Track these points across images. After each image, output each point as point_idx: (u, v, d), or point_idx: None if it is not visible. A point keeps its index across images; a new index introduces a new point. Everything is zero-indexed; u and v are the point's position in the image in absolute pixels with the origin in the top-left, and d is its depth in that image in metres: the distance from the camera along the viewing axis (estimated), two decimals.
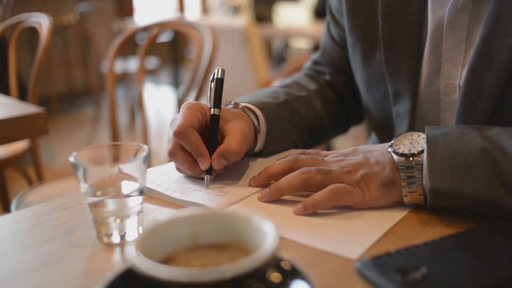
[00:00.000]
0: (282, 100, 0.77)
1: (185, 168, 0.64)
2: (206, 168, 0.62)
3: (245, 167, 0.70)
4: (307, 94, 0.82)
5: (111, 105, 1.47)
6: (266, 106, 0.74)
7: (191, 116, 0.63)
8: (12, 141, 1.11)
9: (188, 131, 0.61)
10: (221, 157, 0.62)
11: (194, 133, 0.62)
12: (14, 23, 1.80)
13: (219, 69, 0.69)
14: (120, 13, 5.06)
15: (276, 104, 0.76)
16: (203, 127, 0.65)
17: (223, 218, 0.40)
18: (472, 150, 0.53)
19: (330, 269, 0.45)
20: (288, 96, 0.79)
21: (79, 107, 4.59)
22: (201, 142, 0.62)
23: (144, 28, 1.53)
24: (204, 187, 0.63)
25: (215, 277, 0.32)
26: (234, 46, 2.48)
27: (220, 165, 0.63)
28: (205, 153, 0.62)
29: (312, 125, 0.81)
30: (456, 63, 0.67)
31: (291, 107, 0.78)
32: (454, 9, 0.65)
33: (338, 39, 0.88)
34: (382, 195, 0.56)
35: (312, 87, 0.85)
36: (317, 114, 0.82)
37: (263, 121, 0.72)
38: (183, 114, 0.63)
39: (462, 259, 0.45)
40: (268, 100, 0.76)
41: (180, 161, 0.63)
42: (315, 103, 0.83)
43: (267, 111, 0.73)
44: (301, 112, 0.79)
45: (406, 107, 0.72)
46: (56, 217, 0.57)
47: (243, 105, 0.72)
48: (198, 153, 0.62)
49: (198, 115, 0.64)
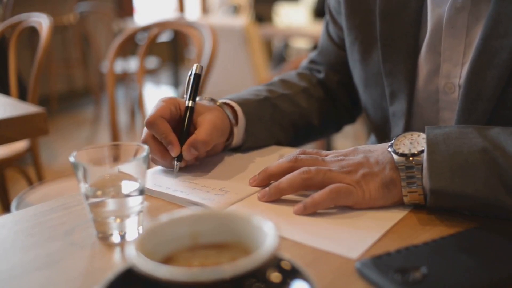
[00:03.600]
0: (263, 97, 0.79)
1: (156, 156, 0.67)
2: (176, 155, 0.65)
3: (245, 166, 0.70)
4: (291, 92, 0.83)
5: (111, 105, 1.47)
6: (246, 103, 0.76)
7: (163, 108, 0.66)
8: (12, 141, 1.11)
9: (158, 120, 0.64)
10: (191, 146, 0.65)
11: (164, 122, 0.65)
12: (14, 23, 1.80)
13: (198, 65, 0.72)
14: (120, 13, 5.05)
15: (257, 101, 0.77)
16: (175, 119, 0.68)
17: (223, 218, 0.40)
18: (472, 150, 0.53)
19: (330, 269, 0.45)
20: (270, 93, 0.81)
21: (79, 107, 4.59)
22: (170, 131, 0.65)
23: (144, 28, 1.53)
24: (204, 187, 0.63)
25: (215, 277, 0.32)
26: (234, 46, 2.48)
27: (190, 155, 0.65)
28: (174, 141, 0.65)
29: (297, 122, 0.83)
30: (455, 62, 0.67)
31: (272, 104, 0.79)
32: (454, 8, 0.65)
33: (336, 38, 0.88)
34: (382, 195, 0.56)
35: (300, 84, 0.86)
36: (302, 112, 0.83)
37: (242, 116, 0.74)
38: (156, 106, 0.66)
39: (462, 259, 0.45)
40: (248, 97, 0.78)
41: (152, 150, 0.66)
42: (300, 101, 0.84)
43: (246, 107, 0.75)
44: (283, 110, 0.80)
45: (403, 106, 0.72)
46: (56, 217, 0.57)
47: (220, 101, 0.74)
48: (167, 141, 0.64)
49: (171, 107, 0.67)
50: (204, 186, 0.64)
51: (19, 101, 1.22)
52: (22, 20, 1.76)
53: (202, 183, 0.64)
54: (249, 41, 2.44)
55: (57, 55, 4.41)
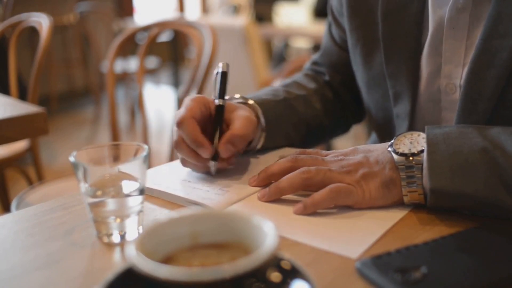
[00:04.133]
0: (282, 98, 0.78)
1: (190, 158, 0.64)
2: (208, 156, 0.62)
3: (245, 166, 0.70)
4: (306, 93, 0.83)
5: (111, 105, 1.47)
6: (265, 103, 0.75)
7: (193, 108, 0.63)
8: (12, 141, 1.11)
9: (186, 121, 0.61)
10: (228, 143, 0.62)
11: (193, 123, 0.62)
12: (14, 23, 1.80)
13: (224, 63, 0.70)
14: (120, 13, 5.05)
15: (275, 102, 0.76)
16: (206, 119, 0.66)
17: (223, 217, 0.40)
18: (472, 149, 0.53)
19: (330, 268, 0.45)
20: (288, 94, 0.80)
21: (79, 107, 4.59)
22: (199, 132, 0.62)
23: (144, 28, 1.53)
24: (204, 187, 0.63)
25: (215, 277, 0.32)
26: (234, 46, 2.48)
27: (227, 151, 0.63)
28: (203, 142, 0.61)
29: (311, 124, 0.82)
30: (457, 63, 0.67)
31: (289, 105, 0.78)
32: (455, 9, 0.65)
33: (338, 40, 0.88)
34: (382, 194, 0.56)
35: (312, 86, 0.85)
36: (316, 114, 0.83)
37: (262, 117, 0.73)
38: (186, 105, 0.64)
39: (462, 259, 0.45)
40: (267, 97, 0.76)
41: (185, 152, 0.63)
42: (314, 103, 0.83)
43: (265, 107, 0.74)
44: (299, 111, 0.80)
45: (406, 107, 0.72)
46: (56, 217, 0.57)
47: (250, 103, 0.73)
48: (196, 143, 0.61)
49: (201, 106, 0.65)
50: (204, 185, 0.63)
51: (19, 101, 1.22)
52: (22, 20, 1.76)
53: (202, 183, 0.64)
54: (249, 41, 2.44)
55: (57, 55, 4.41)
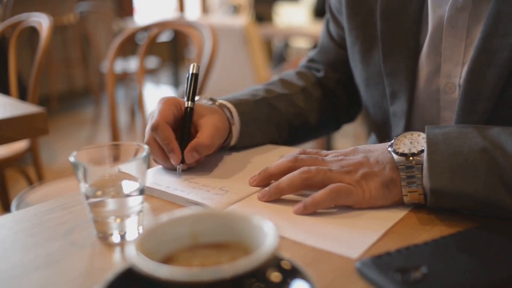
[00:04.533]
0: (260, 97, 0.79)
1: (159, 159, 0.68)
2: (177, 163, 0.66)
3: (245, 166, 0.70)
4: (289, 92, 0.84)
5: (111, 105, 1.47)
6: (242, 103, 0.76)
7: (167, 111, 0.66)
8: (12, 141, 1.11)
9: (161, 126, 0.64)
10: (193, 151, 0.65)
11: (168, 128, 0.65)
12: (14, 23, 1.80)
13: (195, 65, 0.72)
14: (120, 13, 5.05)
15: (254, 101, 0.78)
16: (178, 121, 0.68)
17: (223, 217, 0.40)
18: (472, 149, 0.53)
19: (330, 268, 0.45)
20: (268, 93, 0.81)
21: (79, 107, 4.59)
22: (173, 138, 0.65)
23: (144, 28, 1.53)
24: (204, 187, 0.63)
25: (215, 277, 0.32)
26: (234, 46, 2.47)
27: (192, 158, 0.66)
28: (176, 149, 0.65)
29: (293, 122, 0.83)
30: (456, 62, 0.67)
31: (269, 104, 0.80)
32: (454, 8, 0.65)
33: (336, 37, 0.88)
34: (382, 194, 0.56)
35: (298, 84, 0.86)
36: (299, 112, 0.84)
37: (237, 117, 0.74)
38: (159, 109, 0.66)
39: (462, 259, 0.45)
40: (245, 97, 0.78)
41: (154, 153, 0.67)
42: (298, 101, 0.84)
43: (242, 108, 0.76)
44: (280, 109, 0.81)
45: (403, 106, 0.72)
46: (56, 217, 0.57)
47: (219, 102, 0.74)
48: (169, 148, 0.65)
49: (173, 109, 0.67)
50: (204, 185, 0.64)
51: (19, 101, 1.22)
52: (22, 20, 1.76)
53: (202, 182, 0.64)
54: (249, 41, 2.44)
55: (57, 55, 4.41)
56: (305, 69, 0.93)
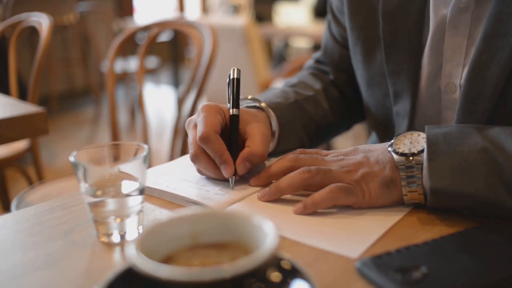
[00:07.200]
0: (293, 100, 0.77)
1: (208, 172, 0.64)
2: (229, 176, 0.62)
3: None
4: (314, 94, 0.82)
5: (111, 105, 1.47)
6: (278, 107, 0.73)
7: (213, 120, 0.62)
8: (12, 141, 1.11)
9: (212, 136, 0.61)
10: (246, 161, 0.62)
11: (218, 139, 0.61)
12: (14, 23, 1.80)
13: (235, 69, 0.68)
14: (120, 12, 5.05)
15: (287, 105, 0.75)
16: (224, 129, 0.65)
17: (223, 217, 0.40)
18: (472, 149, 0.53)
19: (330, 268, 0.45)
20: (298, 95, 0.79)
21: (79, 107, 4.59)
22: (225, 149, 0.61)
23: (144, 27, 1.53)
24: (204, 187, 0.63)
25: (215, 277, 0.32)
26: (234, 45, 2.47)
27: (244, 169, 0.62)
28: (229, 160, 0.61)
29: (320, 124, 0.81)
30: (457, 62, 0.67)
31: (300, 107, 0.78)
32: (457, 8, 0.65)
33: (339, 38, 0.88)
34: (382, 194, 0.56)
35: (318, 86, 0.85)
36: (324, 113, 0.82)
37: (276, 121, 0.72)
38: (204, 118, 0.62)
39: (462, 259, 0.45)
40: (279, 100, 0.75)
41: (203, 165, 0.63)
42: (322, 102, 0.83)
43: (279, 111, 0.73)
44: (310, 112, 0.79)
45: (406, 106, 0.72)
46: (56, 217, 0.57)
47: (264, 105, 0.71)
48: (222, 160, 0.61)
49: (219, 117, 0.64)
50: (204, 185, 0.63)
51: (19, 101, 1.22)
52: (22, 20, 1.76)
53: (202, 182, 0.64)
54: (249, 41, 2.44)
55: (57, 55, 4.41)
56: (316, 71, 0.92)
